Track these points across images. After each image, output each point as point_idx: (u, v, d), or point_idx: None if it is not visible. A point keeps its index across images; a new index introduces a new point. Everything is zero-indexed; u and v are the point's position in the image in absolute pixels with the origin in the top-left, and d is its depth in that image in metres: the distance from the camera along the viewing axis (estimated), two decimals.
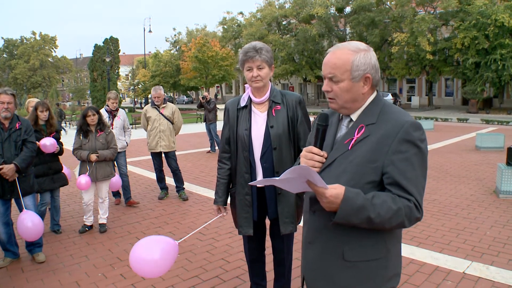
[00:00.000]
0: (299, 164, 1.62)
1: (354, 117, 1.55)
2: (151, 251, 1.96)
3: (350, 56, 1.46)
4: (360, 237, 1.48)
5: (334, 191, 1.35)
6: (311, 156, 1.50)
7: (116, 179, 5.32)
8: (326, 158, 1.53)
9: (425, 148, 1.45)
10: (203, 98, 10.95)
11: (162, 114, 6.11)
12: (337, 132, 1.60)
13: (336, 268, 1.53)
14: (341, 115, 1.62)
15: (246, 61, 2.43)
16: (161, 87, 6.40)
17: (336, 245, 1.52)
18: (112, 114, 5.98)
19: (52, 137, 4.52)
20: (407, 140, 1.41)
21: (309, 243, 1.63)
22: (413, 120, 1.45)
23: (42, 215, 4.53)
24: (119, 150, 6.00)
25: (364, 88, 1.50)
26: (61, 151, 4.65)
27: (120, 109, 6.12)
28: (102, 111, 5.91)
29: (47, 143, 4.33)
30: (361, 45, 1.50)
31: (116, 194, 6.18)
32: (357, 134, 1.49)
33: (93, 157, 4.64)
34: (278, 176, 1.39)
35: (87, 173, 4.66)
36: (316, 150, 1.50)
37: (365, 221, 1.38)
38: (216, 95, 11.04)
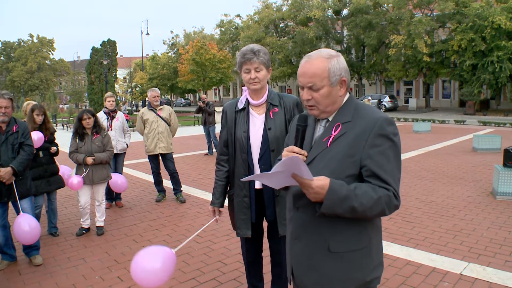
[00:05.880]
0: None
1: (330, 117, 1.65)
2: (153, 265, 1.97)
3: (325, 63, 1.56)
4: (343, 229, 1.56)
5: (320, 182, 1.42)
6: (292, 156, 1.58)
7: (122, 181, 5.29)
8: (306, 157, 1.60)
9: (398, 142, 1.56)
10: (203, 102, 10.90)
11: (160, 116, 6.11)
12: (315, 133, 1.69)
13: (323, 260, 1.59)
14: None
15: (244, 63, 2.45)
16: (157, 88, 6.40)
17: (321, 238, 1.59)
18: (111, 115, 5.97)
19: (47, 139, 4.54)
20: (381, 134, 1.52)
21: (295, 239, 1.69)
22: (386, 116, 1.55)
23: (36, 218, 4.51)
24: (119, 152, 6.02)
25: (341, 90, 1.61)
26: (56, 152, 4.69)
27: (118, 112, 6.12)
28: (101, 114, 5.92)
29: (34, 137, 4.22)
30: (332, 51, 1.61)
31: (108, 198, 5.88)
32: (334, 132, 1.58)
33: (89, 160, 4.64)
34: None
35: (82, 175, 4.66)
36: (297, 149, 1.56)
37: (349, 211, 1.45)
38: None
